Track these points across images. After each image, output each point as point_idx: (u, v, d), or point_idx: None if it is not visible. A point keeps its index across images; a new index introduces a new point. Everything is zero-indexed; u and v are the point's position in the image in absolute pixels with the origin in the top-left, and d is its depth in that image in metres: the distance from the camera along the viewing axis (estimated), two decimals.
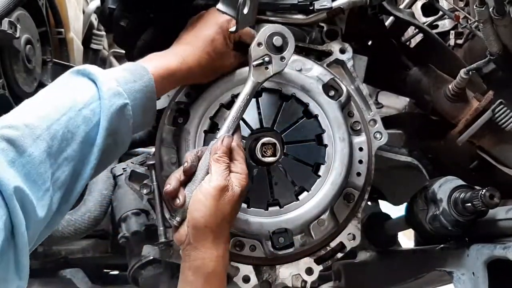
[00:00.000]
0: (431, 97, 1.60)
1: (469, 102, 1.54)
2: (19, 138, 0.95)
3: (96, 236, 2.46)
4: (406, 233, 2.28)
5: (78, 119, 1.04)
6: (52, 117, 1.01)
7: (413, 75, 1.64)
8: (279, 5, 1.43)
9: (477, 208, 1.41)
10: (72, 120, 1.03)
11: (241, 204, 1.26)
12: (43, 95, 1.09)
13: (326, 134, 1.39)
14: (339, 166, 1.38)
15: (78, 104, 1.06)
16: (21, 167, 0.93)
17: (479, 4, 1.38)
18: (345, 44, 1.47)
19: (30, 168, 0.94)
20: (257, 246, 1.36)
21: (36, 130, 0.97)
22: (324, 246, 1.41)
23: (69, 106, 1.04)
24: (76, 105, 1.05)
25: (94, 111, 1.07)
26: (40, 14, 2.06)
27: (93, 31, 3.11)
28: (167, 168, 1.36)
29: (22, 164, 0.93)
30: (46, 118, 1.01)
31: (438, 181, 1.55)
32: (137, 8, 1.46)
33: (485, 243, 1.47)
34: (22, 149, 0.94)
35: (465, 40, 2.00)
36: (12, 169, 0.92)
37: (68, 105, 1.04)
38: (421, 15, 2.18)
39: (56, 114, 1.02)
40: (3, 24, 1.68)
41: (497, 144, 1.51)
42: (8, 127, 0.95)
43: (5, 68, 1.79)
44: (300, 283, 1.38)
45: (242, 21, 1.23)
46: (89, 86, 1.09)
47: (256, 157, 1.31)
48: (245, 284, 1.36)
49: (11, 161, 0.92)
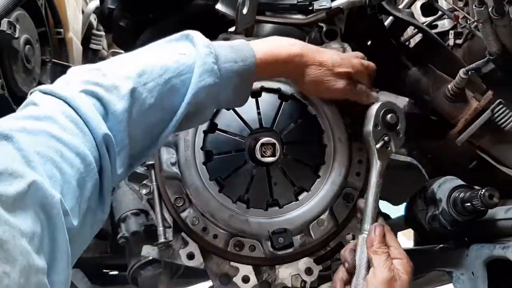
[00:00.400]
0: (430, 97, 1.60)
1: (469, 102, 1.54)
2: (107, 97, 0.99)
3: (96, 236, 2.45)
4: (406, 233, 2.28)
5: (166, 87, 1.05)
6: (140, 80, 1.03)
7: (412, 75, 1.64)
8: (279, 5, 1.43)
9: (476, 208, 1.41)
10: (159, 86, 1.04)
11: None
12: (141, 53, 1.10)
13: (325, 134, 1.39)
14: (338, 166, 1.38)
15: (170, 70, 1.06)
16: (107, 122, 0.98)
17: (478, 4, 1.38)
18: (345, 44, 1.47)
19: (112, 124, 0.98)
20: (256, 246, 1.36)
21: (122, 89, 1.00)
22: (323, 246, 1.41)
23: (160, 73, 1.05)
24: (168, 72, 1.06)
25: (185, 82, 1.07)
26: (39, 14, 2.06)
27: (92, 31, 3.11)
28: (166, 168, 1.36)
29: (108, 119, 0.98)
30: (134, 80, 1.02)
31: (437, 181, 1.55)
32: (136, 8, 1.46)
33: (484, 243, 1.47)
34: (108, 107, 0.99)
35: (465, 40, 2.00)
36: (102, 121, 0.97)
37: (158, 71, 1.05)
38: (420, 15, 2.18)
39: (146, 78, 1.03)
40: (2, 24, 1.68)
41: (496, 144, 1.50)
42: (99, 85, 0.99)
43: (4, 68, 1.79)
44: (299, 283, 1.38)
45: (242, 21, 1.23)
46: (187, 55, 1.09)
47: (256, 157, 1.31)
48: (245, 284, 1.36)
49: (101, 115, 0.98)
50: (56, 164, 0.87)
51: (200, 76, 1.07)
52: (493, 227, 1.47)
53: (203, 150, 1.37)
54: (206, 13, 1.47)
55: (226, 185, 1.37)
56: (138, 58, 1.08)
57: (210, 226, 1.36)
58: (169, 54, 1.09)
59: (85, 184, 0.92)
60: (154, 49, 1.12)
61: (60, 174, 0.87)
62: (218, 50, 1.12)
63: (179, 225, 1.38)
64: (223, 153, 1.38)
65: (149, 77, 1.04)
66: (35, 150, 0.85)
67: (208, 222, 1.36)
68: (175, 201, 1.36)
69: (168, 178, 1.37)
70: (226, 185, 1.37)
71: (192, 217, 1.36)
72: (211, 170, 1.37)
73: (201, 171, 1.37)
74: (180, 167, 1.36)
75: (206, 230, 1.36)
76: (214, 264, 1.39)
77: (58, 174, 0.86)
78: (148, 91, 1.03)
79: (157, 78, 1.04)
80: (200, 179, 1.36)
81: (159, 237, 1.36)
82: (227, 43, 1.18)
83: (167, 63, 1.07)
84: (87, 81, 1.00)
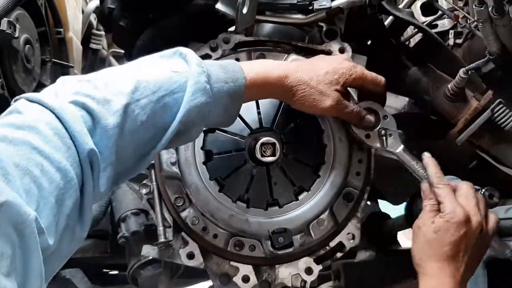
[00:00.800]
0: (430, 97, 1.60)
1: (469, 102, 1.54)
2: (98, 110, 0.96)
3: (96, 236, 2.46)
4: (406, 232, 2.28)
5: (158, 105, 1.04)
6: (134, 97, 1.01)
7: (412, 75, 1.64)
8: (279, 5, 1.43)
9: None
10: (152, 104, 1.03)
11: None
12: (133, 68, 1.09)
13: (325, 133, 1.39)
14: (338, 166, 1.38)
15: (163, 88, 1.05)
16: (95, 136, 0.96)
17: (478, 4, 1.38)
18: (345, 44, 1.47)
19: (100, 139, 0.96)
20: (256, 246, 1.36)
21: (114, 104, 0.98)
22: (323, 246, 1.41)
23: (153, 91, 1.03)
24: (161, 89, 1.04)
25: (177, 100, 1.06)
26: (39, 14, 2.06)
27: (92, 30, 3.12)
28: (166, 168, 1.36)
29: (96, 133, 0.96)
30: (127, 95, 1.00)
31: None
32: (136, 8, 1.46)
33: None
34: (97, 120, 0.96)
35: (465, 39, 2.00)
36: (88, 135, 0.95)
37: (151, 88, 1.03)
38: (420, 14, 2.18)
39: (139, 94, 1.02)
40: (2, 24, 1.68)
41: (496, 143, 1.50)
42: (90, 97, 0.97)
43: (4, 68, 1.79)
44: (299, 283, 1.38)
45: (241, 21, 1.23)
46: (180, 73, 1.08)
47: (256, 157, 1.30)
48: (245, 284, 1.36)
49: (88, 128, 0.95)
50: (34, 178, 0.84)
51: (192, 94, 1.06)
52: None
53: (203, 150, 1.37)
54: (206, 13, 1.47)
55: (226, 185, 1.37)
56: (130, 73, 1.06)
57: (210, 226, 1.36)
58: (162, 71, 1.07)
59: (64, 201, 0.89)
60: (146, 64, 1.11)
61: (38, 190, 0.84)
62: (210, 70, 1.12)
63: (179, 224, 1.38)
64: (223, 152, 1.38)
65: (142, 94, 1.02)
66: (14, 162, 0.82)
67: (208, 221, 1.36)
68: (175, 200, 1.36)
69: (168, 177, 1.37)
70: (226, 184, 1.37)
71: (192, 217, 1.36)
72: (211, 169, 1.37)
73: (201, 171, 1.36)
74: (180, 166, 1.36)
75: (206, 229, 1.36)
76: (214, 264, 1.39)
77: (36, 189, 0.84)
78: (140, 108, 1.01)
79: (150, 95, 1.03)
80: (200, 178, 1.36)
81: (159, 237, 1.36)
82: (217, 63, 1.18)
83: (160, 80, 1.05)
84: (78, 92, 0.97)
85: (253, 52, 1.42)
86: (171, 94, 1.05)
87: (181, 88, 1.06)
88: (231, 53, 1.42)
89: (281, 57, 1.42)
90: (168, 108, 1.05)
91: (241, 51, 1.43)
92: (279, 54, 1.43)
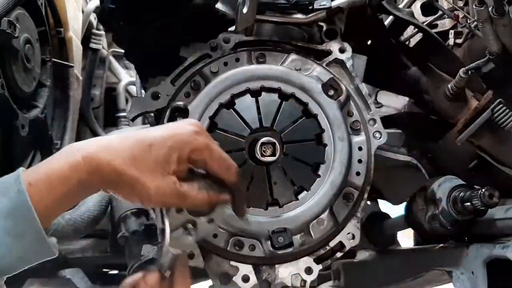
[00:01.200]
0: (430, 97, 1.60)
1: (469, 102, 1.54)
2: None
3: (96, 235, 2.46)
4: (406, 232, 2.28)
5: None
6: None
7: (412, 75, 1.64)
8: (278, 4, 1.43)
9: (476, 207, 1.41)
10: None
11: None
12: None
13: (325, 133, 1.39)
14: (338, 166, 1.38)
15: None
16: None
17: (478, 4, 1.38)
18: (345, 44, 1.47)
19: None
20: (256, 246, 1.36)
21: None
22: (323, 246, 1.41)
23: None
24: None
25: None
26: (39, 13, 2.05)
27: (92, 30, 3.11)
28: None
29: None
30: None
31: (437, 181, 1.55)
32: (136, 7, 1.46)
33: (484, 243, 1.47)
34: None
35: (465, 39, 2.00)
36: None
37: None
38: (420, 14, 2.18)
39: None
40: (2, 23, 1.67)
41: (496, 143, 1.51)
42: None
43: (4, 67, 1.79)
44: (299, 283, 1.38)
45: (242, 21, 1.23)
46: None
47: (256, 157, 1.31)
48: (245, 283, 1.36)
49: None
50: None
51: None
52: (493, 227, 1.47)
53: None
54: (206, 13, 1.46)
55: None
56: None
57: None
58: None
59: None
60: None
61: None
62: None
63: None
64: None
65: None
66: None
67: None
68: None
69: None
70: None
71: None
72: None
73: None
74: None
75: None
76: (214, 264, 1.38)
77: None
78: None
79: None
80: None
81: (159, 237, 1.36)
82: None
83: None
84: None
85: (253, 52, 1.43)
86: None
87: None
88: (231, 53, 1.42)
89: (281, 57, 1.42)
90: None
91: (241, 51, 1.43)
92: (279, 54, 1.43)
